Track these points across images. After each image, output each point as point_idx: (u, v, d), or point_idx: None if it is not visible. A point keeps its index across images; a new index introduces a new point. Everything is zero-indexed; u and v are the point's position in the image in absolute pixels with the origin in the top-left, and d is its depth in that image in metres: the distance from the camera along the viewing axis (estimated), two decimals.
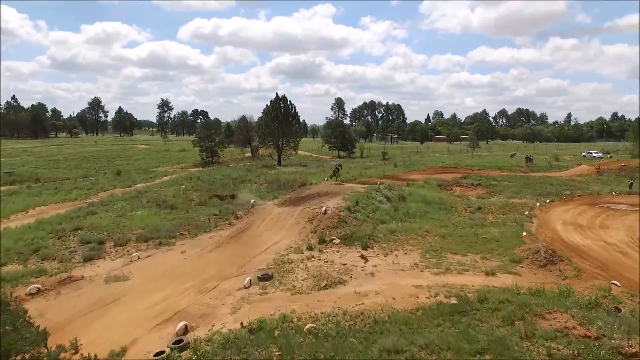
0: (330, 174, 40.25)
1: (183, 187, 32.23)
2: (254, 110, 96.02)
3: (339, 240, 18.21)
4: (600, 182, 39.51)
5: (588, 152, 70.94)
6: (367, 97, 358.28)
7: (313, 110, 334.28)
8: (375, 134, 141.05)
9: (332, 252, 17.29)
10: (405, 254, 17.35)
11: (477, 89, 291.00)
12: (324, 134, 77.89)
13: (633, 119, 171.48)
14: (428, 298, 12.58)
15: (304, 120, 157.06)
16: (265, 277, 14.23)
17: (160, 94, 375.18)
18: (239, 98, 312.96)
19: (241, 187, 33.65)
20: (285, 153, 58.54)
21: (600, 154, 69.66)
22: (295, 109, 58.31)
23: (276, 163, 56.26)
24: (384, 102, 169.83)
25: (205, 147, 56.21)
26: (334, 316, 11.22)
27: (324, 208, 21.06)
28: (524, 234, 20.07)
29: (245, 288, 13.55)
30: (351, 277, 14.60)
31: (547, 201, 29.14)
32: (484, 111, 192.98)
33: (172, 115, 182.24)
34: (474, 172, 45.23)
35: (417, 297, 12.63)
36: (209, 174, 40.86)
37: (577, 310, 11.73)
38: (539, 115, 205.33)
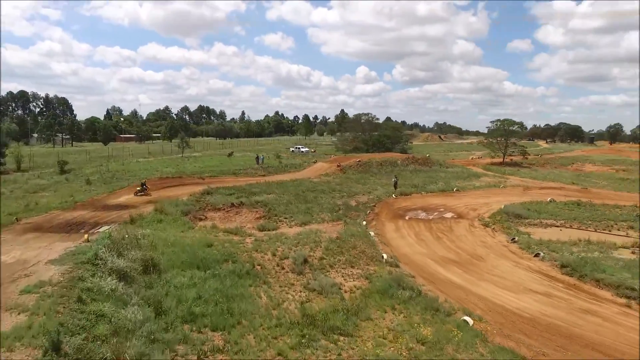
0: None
1: None
2: None
3: None
4: (354, 181, 36.31)
5: (296, 147, 72.62)
6: (13, 87, 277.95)
7: None
8: (35, 134, 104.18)
9: None
10: None
11: (151, 86, 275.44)
12: None
13: (291, 118, 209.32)
14: None
15: None
16: None
17: None
18: None
19: None
20: None
21: (307, 149, 72.58)
22: None
23: None
24: (42, 95, 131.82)
25: None
26: None
27: None
28: (469, 321, 10.43)
29: None
30: None
31: (364, 223, 21.25)
32: (167, 108, 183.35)
33: None
34: (208, 182, 33.48)
35: None
36: None
37: None
38: (218, 112, 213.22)
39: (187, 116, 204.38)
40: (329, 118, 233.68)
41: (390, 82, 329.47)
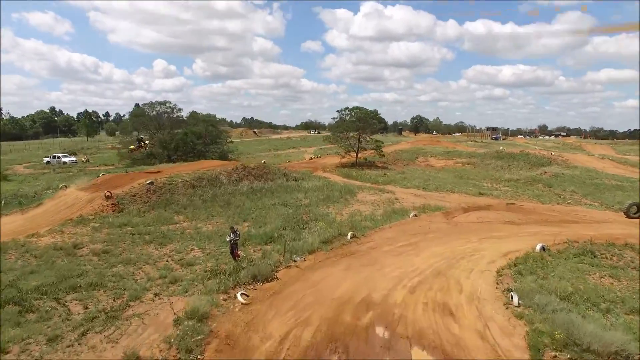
0: None
1: None
2: None
3: None
4: (140, 237, 16.94)
5: (54, 157, 46.47)
6: None
7: None
8: None
9: None
10: None
11: None
12: None
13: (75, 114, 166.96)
14: None
15: None
16: None
17: None
18: None
19: None
20: None
21: (73, 158, 47.40)
22: None
23: None
24: None
25: None
26: None
27: None
28: None
29: None
30: None
31: None
32: None
33: None
34: None
35: None
36: None
37: None
38: None
39: None
40: (124, 115, 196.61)
41: (191, 77, 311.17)
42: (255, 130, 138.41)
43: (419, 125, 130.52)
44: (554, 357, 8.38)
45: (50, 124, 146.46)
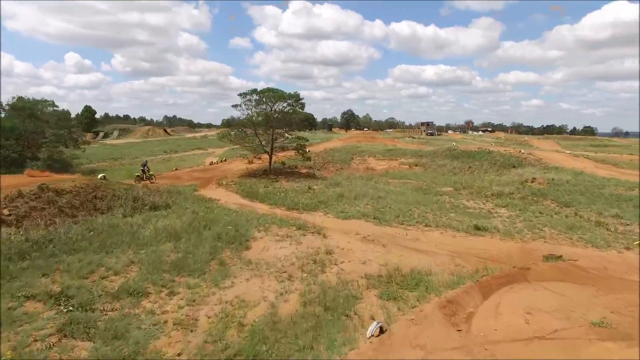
0: None
1: None
2: None
3: None
4: None
5: None
6: None
7: None
8: None
9: None
10: None
11: None
12: None
13: None
14: None
15: None
16: None
17: None
18: None
19: None
20: None
21: None
22: None
23: None
24: None
25: None
26: None
27: None
28: None
29: None
30: None
31: None
32: None
33: None
34: None
35: None
36: None
37: None
38: None
39: None
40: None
41: (109, 72, 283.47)
42: (166, 129, 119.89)
43: (350, 120, 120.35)
44: None
45: None
